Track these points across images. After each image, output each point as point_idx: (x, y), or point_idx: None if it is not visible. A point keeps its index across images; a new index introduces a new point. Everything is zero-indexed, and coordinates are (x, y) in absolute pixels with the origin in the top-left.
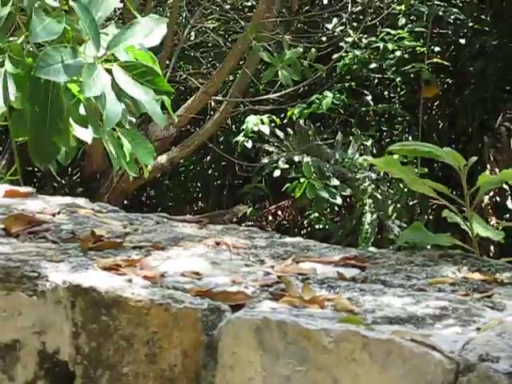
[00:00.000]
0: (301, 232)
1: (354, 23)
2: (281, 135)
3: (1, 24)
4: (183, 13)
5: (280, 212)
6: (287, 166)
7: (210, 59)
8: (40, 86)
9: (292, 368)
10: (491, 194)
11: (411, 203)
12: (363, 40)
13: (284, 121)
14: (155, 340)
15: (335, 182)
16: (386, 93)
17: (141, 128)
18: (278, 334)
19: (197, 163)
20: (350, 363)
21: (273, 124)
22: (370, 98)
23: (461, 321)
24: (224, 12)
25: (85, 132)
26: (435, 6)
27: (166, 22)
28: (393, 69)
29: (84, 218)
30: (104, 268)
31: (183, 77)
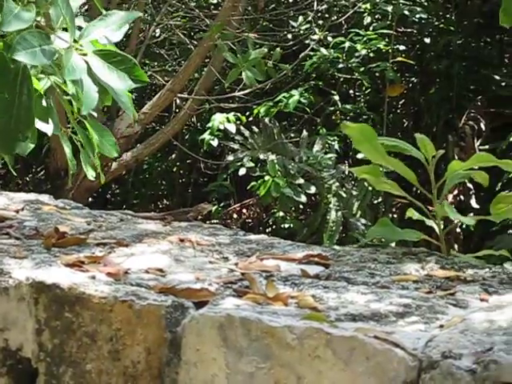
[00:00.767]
0: (266, 230)
1: (320, 21)
2: (246, 133)
3: None
4: (149, 10)
5: (245, 210)
6: (252, 165)
7: (176, 57)
8: (9, 72)
9: (255, 365)
10: (455, 193)
11: (376, 201)
12: (329, 38)
13: (250, 119)
14: (119, 337)
15: (300, 181)
16: (352, 92)
17: (105, 125)
18: (242, 331)
19: (162, 161)
20: (314, 360)
21: (238, 122)
22: (337, 98)
23: (424, 318)
24: (189, 9)
25: (45, 125)
26: (400, 5)
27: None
28: (360, 69)
29: (48, 215)
30: (67, 264)
31: (148, 74)
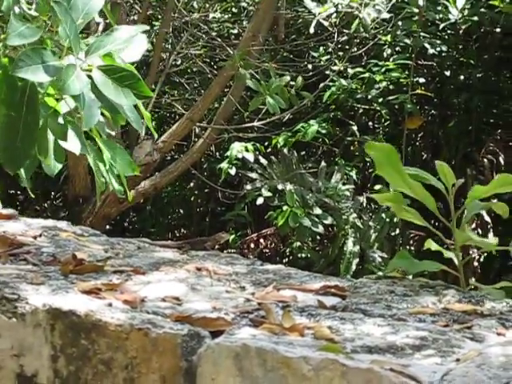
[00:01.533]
0: (283, 260)
1: (340, 52)
2: (265, 163)
3: None
4: (169, 39)
5: (262, 240)
6: (270, 194)
7: (195, 85)
8: (16, 89)
9: None
10: (473, 226)
11: (393, 234)
12: (349, 70)
13: (268, 149)
14: (134, 365)
15: (318, 211)
16: (371, 123)
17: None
18: (258, 361)
19: (180, 189)
20: None
21: (257, 152)
22: (355, 129)
23: (440, 351)
24: (210, 39)
25: (72, 144)
26: (420, 38)
27: (146, 30)
28: (378, 100)
29: (65, 241)
30: (84, 291)
31: (168, 102)
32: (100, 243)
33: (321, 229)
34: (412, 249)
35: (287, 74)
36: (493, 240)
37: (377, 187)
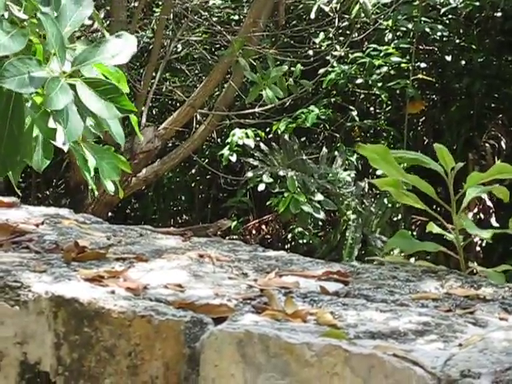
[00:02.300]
0: (284, 246)
1: (341, 38)
2: (265, 149)
3: None
4: (170, 25)
5: (264, 226)
6: (272, 181)
7: (197, 72)
8: (2, 97)
9: (274, 381)
10: (475, 211)
11: (395, 219)
12: (349, 55)
13: (269, 135)
14: (137, 352)
15: (319, 197)
16: (372, 108)
17: (126, 140)
18: (261, 348)
19: (181, 176)
20: (332, 377)
21: (258, 138)
22: (356, 114)
23: (443, 336)
24: (210, 25)
25: (61, 141)
26: (421, 23)
27: (137, 41)
28: (379, 85)
29: (67, 229)
30: (87, 279)
31: (169, 89)
32: (102, 230)
33: (322, 215)
34: (414, 234)
35: (288, 61)
36: (486, 233)
37: (378, 172)
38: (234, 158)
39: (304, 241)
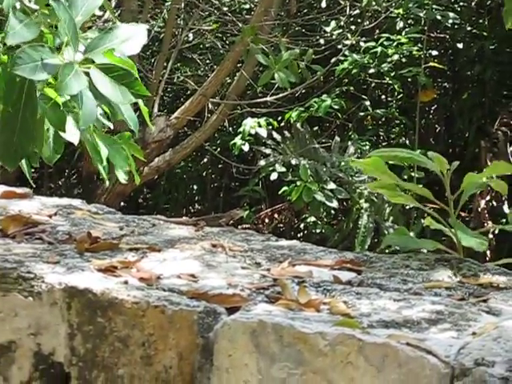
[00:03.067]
0: (297, 235)
1: (352, 26)
2: (278, 138)
3: None
4: (181, 15)
5: (276, 215)
6: (284, 169)
7: (208, 61)
8: (15, 86)
9: (288, 371)
10: (488, 199)
11: (407, 207)
12: (361, 43)
13: (281, 124)
14: (151, 342)
15: (332, 186)
16: (384, 97)
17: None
18: (274, 337)
19: (194, 165)
20: (346, 366)
21: (270, 127)
22: (368, 103)
23: (456, 325)
24: (222, 14)
25: (72, 134)
26: (433, 10)
27: (147, 29)
28: (391, 74)
29: (80, 220)
30: (100, 269)
31: (181, 79)
32: (115, 221)
33: (335, 203)
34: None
35: (298, 49)
36: (482, 243)
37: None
38: (247, 148)
39: (317, 230)
